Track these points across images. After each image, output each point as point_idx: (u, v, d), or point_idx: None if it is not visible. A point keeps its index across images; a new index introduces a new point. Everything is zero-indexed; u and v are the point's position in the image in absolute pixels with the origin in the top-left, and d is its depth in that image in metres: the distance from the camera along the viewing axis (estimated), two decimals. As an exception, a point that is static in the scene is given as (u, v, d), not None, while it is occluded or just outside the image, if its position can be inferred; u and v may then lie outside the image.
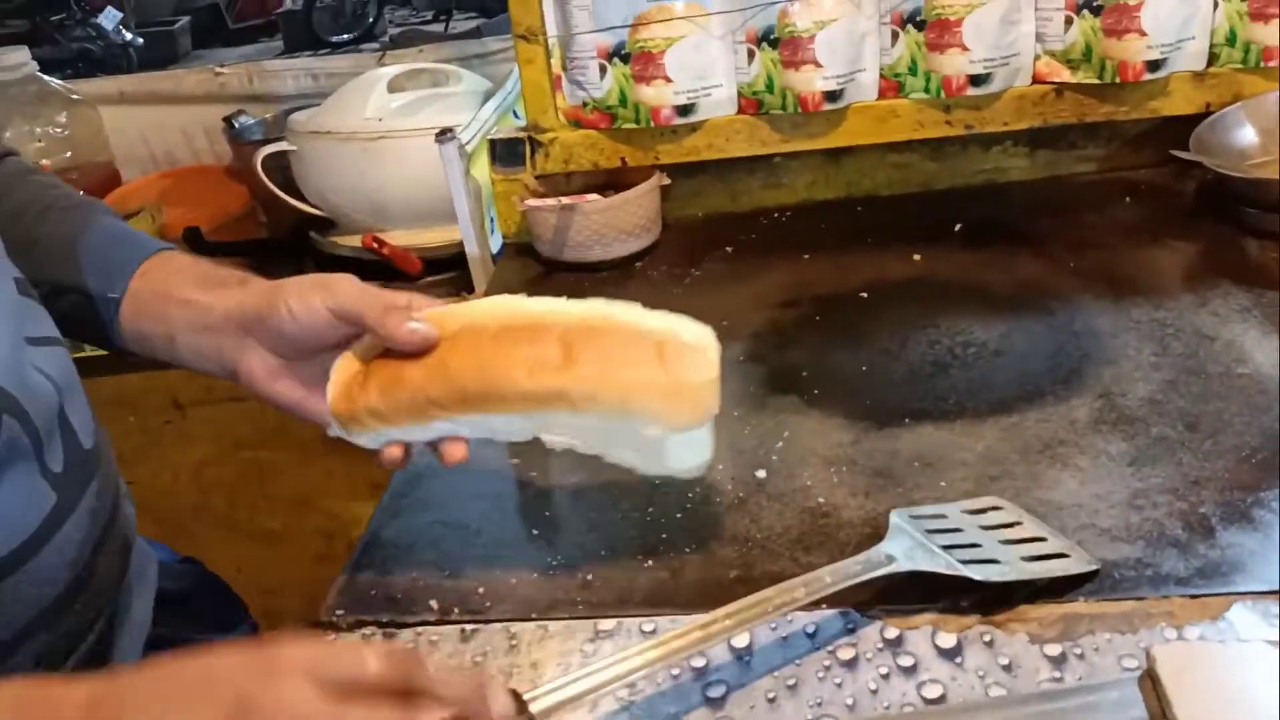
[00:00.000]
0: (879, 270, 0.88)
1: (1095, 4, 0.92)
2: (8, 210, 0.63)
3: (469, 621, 0.54)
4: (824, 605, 0.52)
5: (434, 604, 0.56)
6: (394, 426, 0.53)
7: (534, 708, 0.43)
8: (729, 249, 0.97)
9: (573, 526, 0.61)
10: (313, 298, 0.54)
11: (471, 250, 1.00)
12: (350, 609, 0.56)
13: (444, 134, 0.95)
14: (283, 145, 1.21)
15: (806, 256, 0.93)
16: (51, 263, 0.61)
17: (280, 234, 1.32)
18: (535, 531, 0.61)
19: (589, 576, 0.57)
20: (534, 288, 0.96)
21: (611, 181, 1.00)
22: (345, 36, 2.68)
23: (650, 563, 0.57)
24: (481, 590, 0.56)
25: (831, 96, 0.94)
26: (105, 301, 0.60)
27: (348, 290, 0.55)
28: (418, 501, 0.65)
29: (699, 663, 0.50)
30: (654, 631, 0.52)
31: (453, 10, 2.79)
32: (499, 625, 0.54)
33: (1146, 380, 0.68)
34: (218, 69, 1.51)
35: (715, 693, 0.49)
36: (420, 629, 0.54)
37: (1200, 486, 0.58)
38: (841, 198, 1.05)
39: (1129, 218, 0.93)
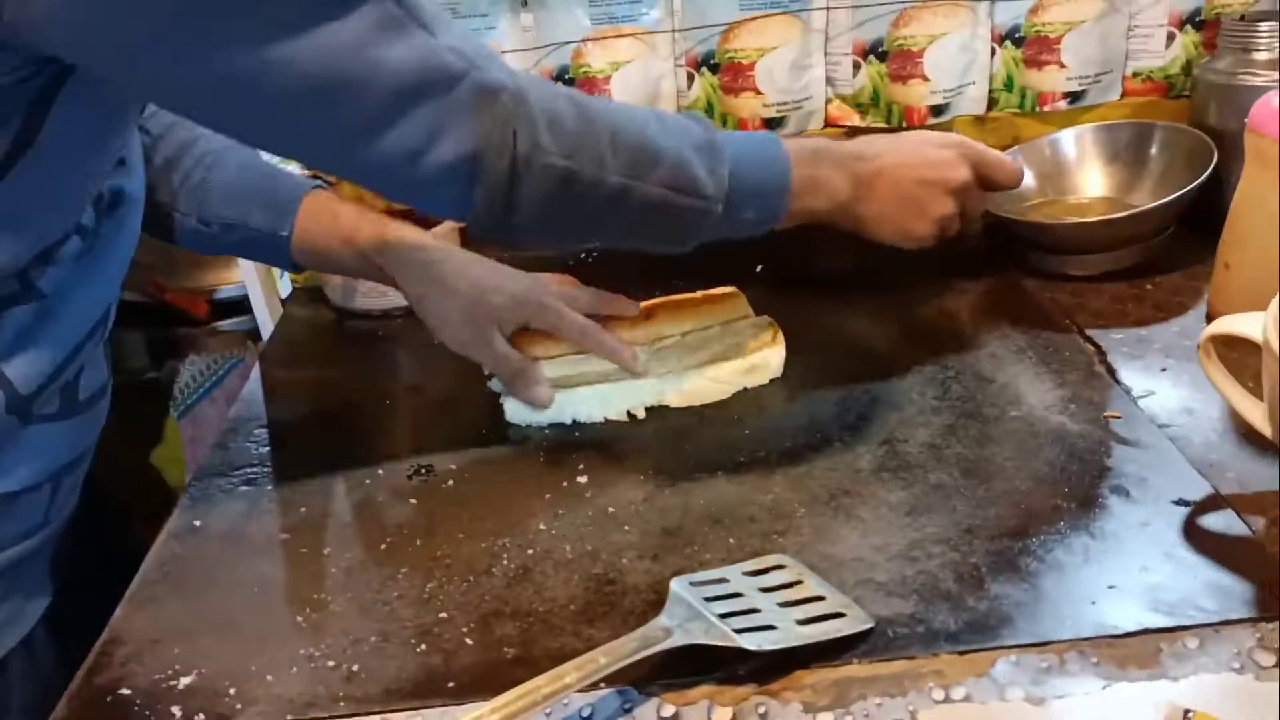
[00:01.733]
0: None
1: (881, 50, 0.96)
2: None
3: (215, 727, 0.50)
4: (601, 685, 0.50)
5: (176, 711, 0.51)
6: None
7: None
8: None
9: (343, 610, 0.58)
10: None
11: (255, 296, 0.95)
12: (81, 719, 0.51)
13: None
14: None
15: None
16: (220, 203, 0.76)
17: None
18: (299, 619, 0.57)
19: (354, 668, 0.53)
20: (322, 336, 0.92)
21: (411, 216, 0.97)
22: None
23: (423, 647, 0.54)
24: (233, 691, 0.52)
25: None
26: (276, 240, 0.76)
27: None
28: (170, 589, 0.60)
29: (467, 757, 0.48)
30: (421, 726, 0.50)
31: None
32: (248, 730, 0.50)
33: (927, 425, 0.70)
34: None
35: (482, 790, 0.46)
36: (161, 739, 0.50)
37: (973, 535, 0.59)
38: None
39: (918, 259, 0.95)
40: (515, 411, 0.74)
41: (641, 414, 0.74)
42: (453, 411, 0.79)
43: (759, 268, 0.96)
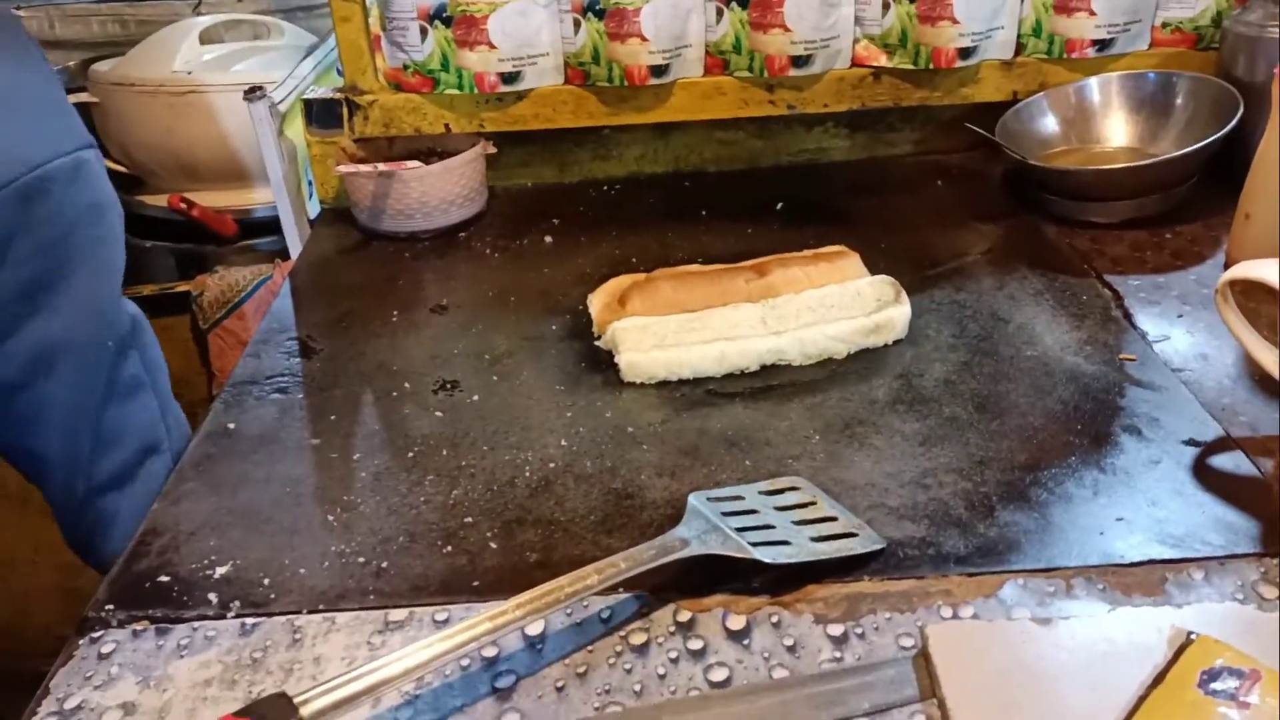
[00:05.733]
0: (703, 245, 0.88)
1: (912, -10, 0.94)
2: None
3: (250, 615, 0.51)
4: (620, 590, 0.51)
5: (213, 597, 0.52)
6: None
7: (307, 710, 0.41)
8: (556, 221, 0.95)
9: (371, 512, 0.59)
10: None
11: (285, 215, 0.95)
12: (121, 604, 0.52)
13: (253, 92, 0.90)
14: (84, 96, 1.12)
15: (633, 230, 0.93)
16: None
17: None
18: (330, 518, 0.58)
19: (384, 565, 0.54)
20: (350, 257, 0.92)
21: (436, 148, 0.97)
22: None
23: (449, 549, 0.55)
24: (267, 581, 0.53)
25: (657, 71, 0.93)
26: None
27: None
28: (205, 486, 0.61)
29: (490, 652, 0.49)
30: (447, 621, 0.51)
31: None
32: (281, 618, 0.51)
33: (943, 361, 0.70)
34: (15, 9, 1.38)
35: (504, 683, 0.48)
36: (197, 624, 0.51)
37: (984, 466, 0.60)
38: (670, 172, 1.05)
39: (940, 200, 0.96)
40: (632, 368, 0.70)
41: (755, 369, 0.71)
42: (478, 332, 0.79)
43: (779, 205, 0.96)
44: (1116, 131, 0.96)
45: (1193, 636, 0.45)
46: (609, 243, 0.90)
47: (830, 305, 0.73)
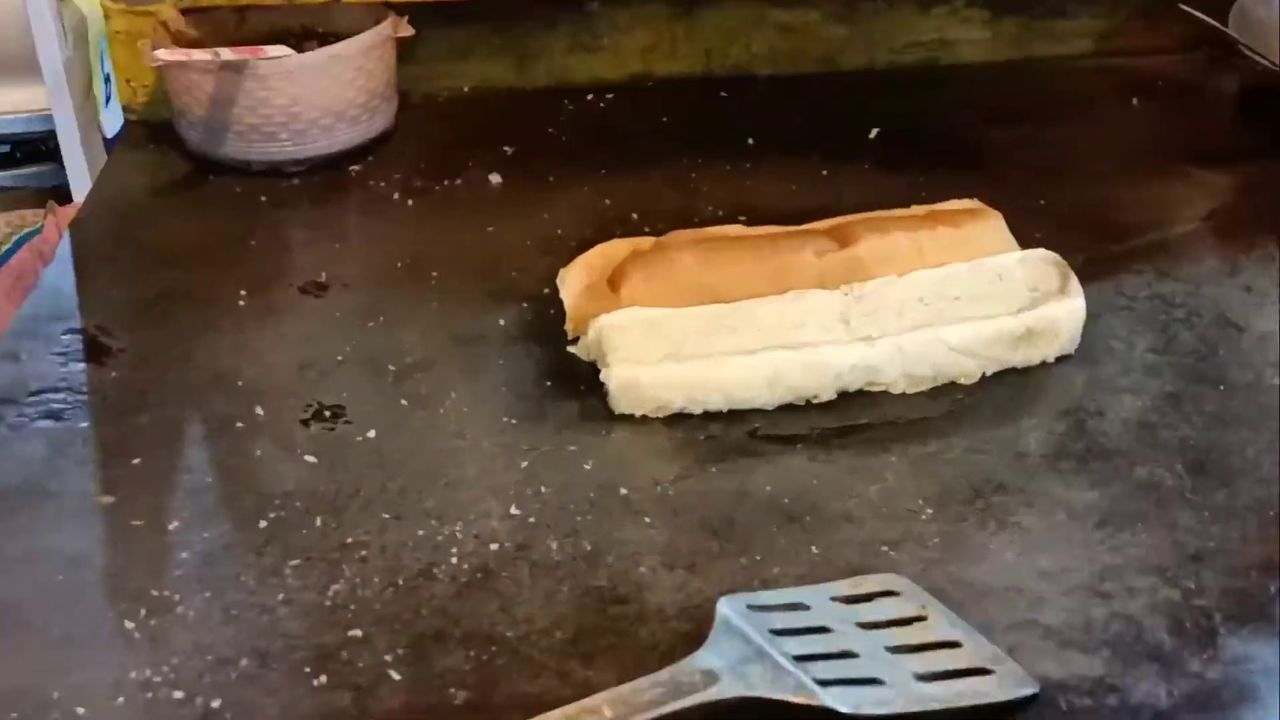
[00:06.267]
0: (747, 194, 0.89)
1: None
2: None
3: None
4: (603, 753, 0.51)
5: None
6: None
7: None
8: (509, 149, 0.96)
9: (198, 616, 0.58)
10: None
11: (66, 130, 0.96)
12: None
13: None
14: None
15: (634, 167, 0.93)
16: None
17: None
18: (129, 624, 0.58)
19: (215, 704, 0.54)
20: (173, 201, 0.92)
21: (315, 26, 0.98)
22: None
23: (323, 679, 0.55)
24: (24, 725, 0.53)
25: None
26: None
27: None
28: (-71, 566, 0.61)
29: None
30: (315, 797, 0.50)
31: None
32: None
33: (1136, 392, 0.71)
34: None
35: None
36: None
37: (1201, 564, 0.60)
38: (696, 74, 1.06)
39: (1135, 131, 0.97)
40: (628, 390, 0.70)
41: (830, 397, 0.71)
42: (377, 328, 0.79)
43: (874, 131, 0.96)
44: None
45: None
46: (594, 187, 0.91)
47: (954, 296, 0.73)
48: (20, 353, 0.76)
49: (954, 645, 0.55)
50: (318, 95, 0.92)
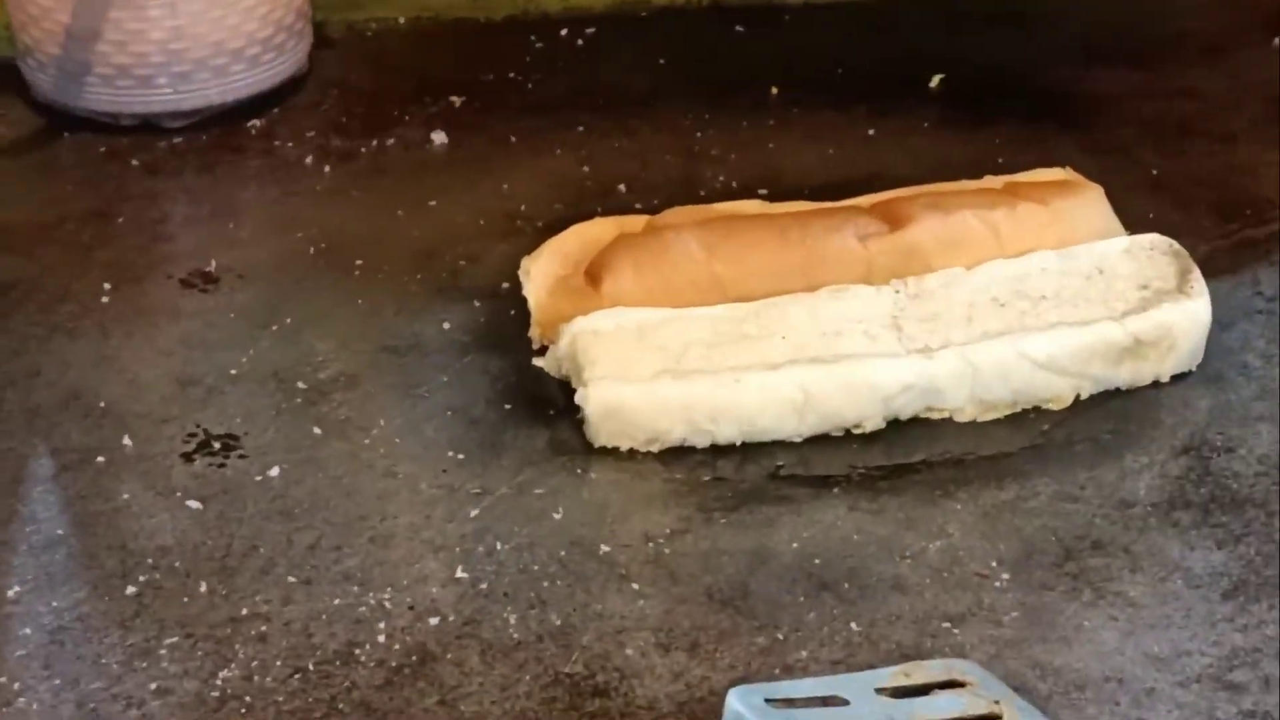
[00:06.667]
0: (770, 160, 0.92)
1: None
2: None
3: None
4: None
5: None
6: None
7: None
8: (456, 100, 0.99)
9: (45, 706, 0.60)
10: None
11: None
12: None
13: None
14: None
15: (621, 122, 0.96)
16: None
17: None
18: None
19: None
20: (15, 163, 0.95)
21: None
22: None
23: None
24: None
25: None
26: None
27: None
28: None
29: None
30: None
31: None
32: None
33: (1274, 421, 0.73)
34: None
35: None
36: None
37: (1356, 646, 0.60)
38: (703, 1, 1.09)
39: (1275, 80, 1.00)
40: (609, 415, 0.71)
41: (877, 426, 0.73)
42: (281, 332, 0.81)
43: (937, 78, 1.00)
44: None
45: None
46: (568, 149, 0.93)
47: (1039, 294, 0.75)
48: None
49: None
50: (207, 27, 0.92)
